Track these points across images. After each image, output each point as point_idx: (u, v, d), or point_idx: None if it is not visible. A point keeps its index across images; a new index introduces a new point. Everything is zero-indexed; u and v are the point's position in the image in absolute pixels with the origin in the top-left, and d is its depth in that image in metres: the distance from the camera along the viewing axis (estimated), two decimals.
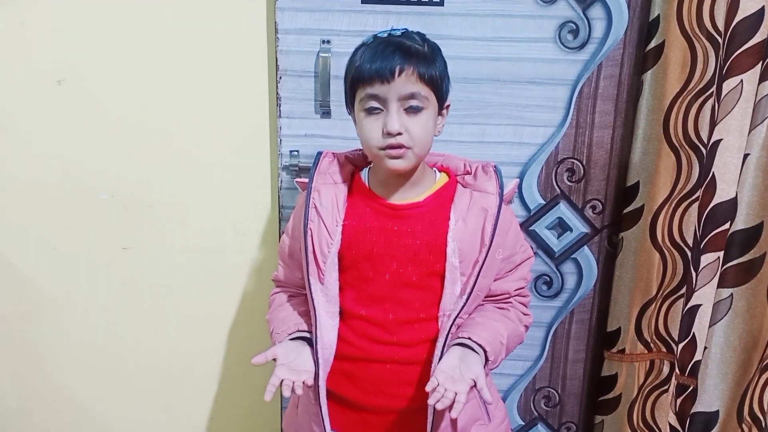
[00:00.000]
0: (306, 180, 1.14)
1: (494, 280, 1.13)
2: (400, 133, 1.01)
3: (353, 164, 1.17)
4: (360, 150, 1.19)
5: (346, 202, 1.11)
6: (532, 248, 1.51)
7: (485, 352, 1.05)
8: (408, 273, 1.08)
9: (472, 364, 1.02)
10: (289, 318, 1.15)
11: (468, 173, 1.14)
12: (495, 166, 1.12)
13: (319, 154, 1.14)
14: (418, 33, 1.07)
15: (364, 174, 1.15)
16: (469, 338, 1.06)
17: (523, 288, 1.20)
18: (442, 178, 1.15)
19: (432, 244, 1.08)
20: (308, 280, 1.10)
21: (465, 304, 1.07)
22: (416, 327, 1.09)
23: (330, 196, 1.11)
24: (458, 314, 1.07)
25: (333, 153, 1.16)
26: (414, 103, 1.02)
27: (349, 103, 1.09)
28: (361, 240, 1.08)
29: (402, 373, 1.10)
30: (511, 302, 1.18)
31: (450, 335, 1.07)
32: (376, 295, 1.09)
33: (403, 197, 1.11)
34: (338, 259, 1.10)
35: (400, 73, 1.00)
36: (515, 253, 1.17)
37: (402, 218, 1.09)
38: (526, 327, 1.20)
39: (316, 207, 1.09)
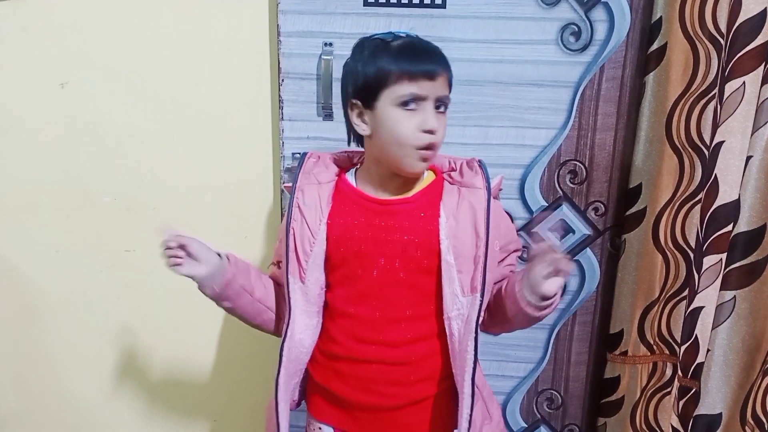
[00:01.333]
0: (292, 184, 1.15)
1: None
2: (434, 132, 1.03)
3: (338, 165, 1.18)
4: (346, 152, 1.20)
5: (331, 201, 1.12)
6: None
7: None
8: (395, 269, 1.08)
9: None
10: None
11: (453, 170, 1.15)
12: (479, 161, 1.13)
13: (304, 154, 1.16)
14: None
15: (350, 176, 1.16)
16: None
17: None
18: (429, 176, 1.15)
19: (421, 240, 1.08)
20: (287, 278, 1.11)
21: (482, 302, 1.07)
22: (403, 326, 1.09)
23: (313, 196, 1.12)
24: (479, 313, 1.07)
25: (318, 154, 1.17)
26: (444, 103, 1.05)
27: (370, 99, 1.05)
28: (350, 237, 1.09)
29: (388, 373, 1.10)
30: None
31: (476, 338, 1.07)
32: (365, 293, 1.10)
33: (392, 195, 1.11)
34: (327, 258, 1.10)
35: (440, 75, 1.03)
36: (510, 242, 1.18)
37: (390, 214, 1.09)
38: None
39: (299, 206, 1.10)
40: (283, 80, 1.44)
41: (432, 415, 1.13)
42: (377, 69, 1.04)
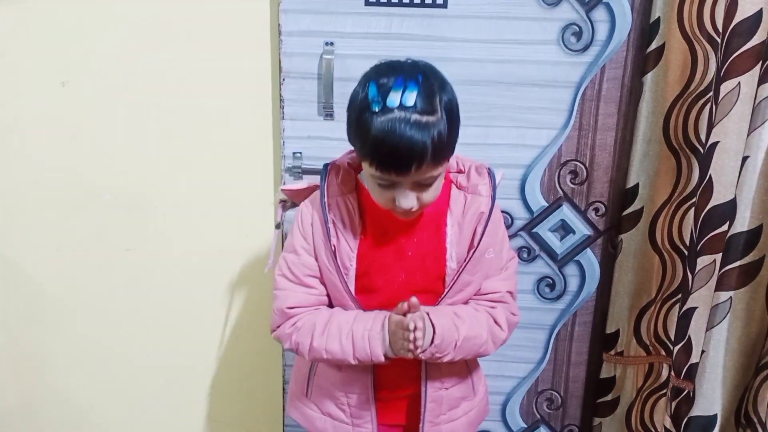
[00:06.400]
0: (291, 187, 1.18)
1: (485, 279, 1.15)
2: (409, 209, 1.02)
3: (354, 169, 1.17)
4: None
5: (358, 213, 1.11)
6: (534, 251, 1.52)
7: (434, 331, 1.07)
8: (416, 280, 1.11)
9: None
10: (358, 316, 1.12)
11: (461, 172, 1.15)
12: (489, 169, 1.13)
13: (326, 167, 1.13)
14: (429, 83, 0.98)
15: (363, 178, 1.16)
16: (428, 314, 1.07)
17: (511, 292, 1.19)
18: None
19: (434, 250, 1.11)
20: (344, 294, 1.11)
21: (444, 296, 1.11)
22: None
23: (345, 210, 1.10)
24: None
25: (338, 164, 1.14)
26: (428, 182, 1.01)
27: (354, 145, 1.05)
28: (374, 253, 1.11)
29: (408, 369, 1.14)
30: (494, 306, 1.16)
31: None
32: (384, 303, 1.11)
33: None
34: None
35: (417, 169, 0.96)
36: (501, 250, 1.17)
37: (407, 226, 1.11)
38: (509, 328, 1.18)
39: (334, 222, 1.10)
40: (284, 79, 1.44)
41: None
42: (357, 142, 1.01)
